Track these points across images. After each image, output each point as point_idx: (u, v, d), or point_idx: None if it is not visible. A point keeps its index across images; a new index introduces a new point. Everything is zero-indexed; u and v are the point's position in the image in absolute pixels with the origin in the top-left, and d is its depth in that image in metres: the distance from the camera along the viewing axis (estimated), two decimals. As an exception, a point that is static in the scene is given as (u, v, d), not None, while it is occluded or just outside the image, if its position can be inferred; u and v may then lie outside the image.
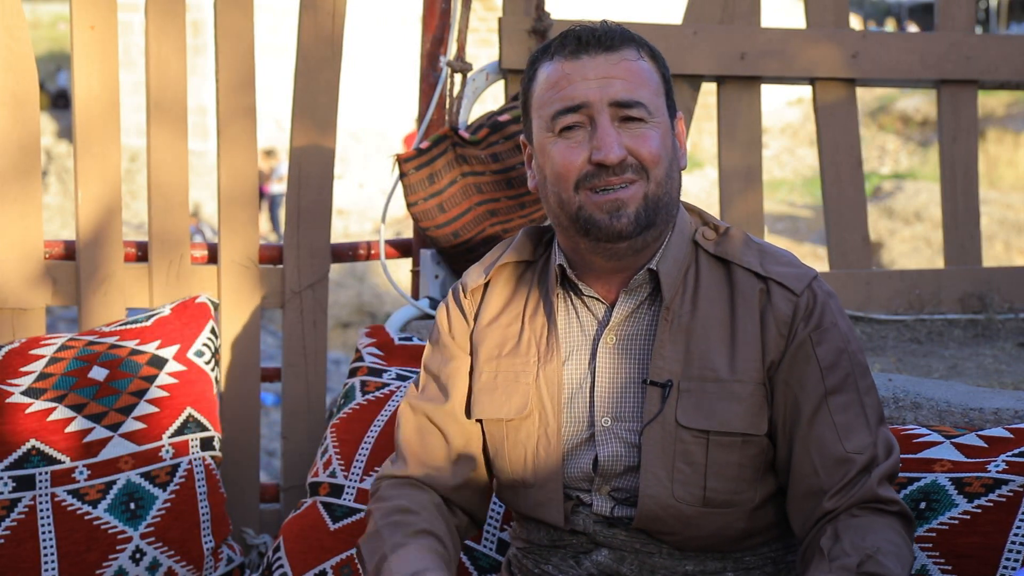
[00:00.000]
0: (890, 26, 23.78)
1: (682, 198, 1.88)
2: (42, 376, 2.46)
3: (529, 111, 1.84)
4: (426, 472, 1.93)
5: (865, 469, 1.73)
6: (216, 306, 2.79)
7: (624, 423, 1.80)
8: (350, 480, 2.43)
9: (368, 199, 19.47)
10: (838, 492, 1.72)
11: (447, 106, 2.99)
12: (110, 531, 2.40)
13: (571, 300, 1.88)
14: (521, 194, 2.86)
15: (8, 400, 2.41)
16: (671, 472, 1.76)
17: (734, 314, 1.79)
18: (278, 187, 17.38)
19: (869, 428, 1.75)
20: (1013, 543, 1.79)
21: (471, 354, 1.94)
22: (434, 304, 2.94)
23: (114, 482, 2.43)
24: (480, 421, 1.92)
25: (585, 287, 1.85)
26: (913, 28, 24.13)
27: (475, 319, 1.94)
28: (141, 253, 2.80)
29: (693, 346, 1.78)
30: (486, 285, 1.95)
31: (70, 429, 2.41)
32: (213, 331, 2.68)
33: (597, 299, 1.85)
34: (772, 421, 1.79)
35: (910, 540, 1.73)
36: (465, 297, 1.96)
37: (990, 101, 17.88)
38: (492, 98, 4.79)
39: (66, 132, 19.04)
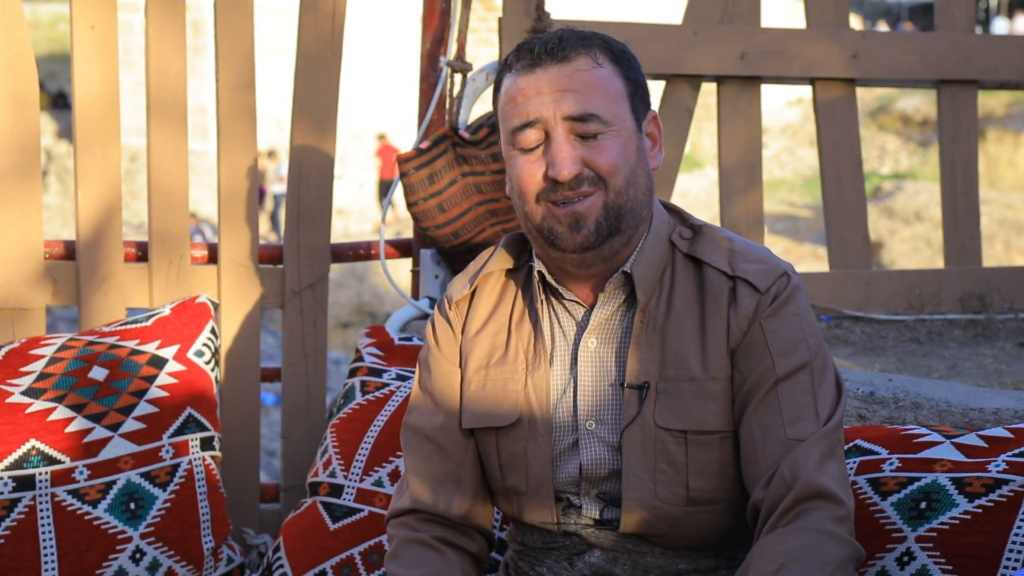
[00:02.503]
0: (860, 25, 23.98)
1: (683, 198, 1.88)
2: (42, 376, 2.46)
3: (498, 122, 1.85)
4: (435, 500, 1.91)
5: (801, 458, 1.68)
6: (216, 306, 2.79)
7: (606, 426, 1.81)
8: (350, 480, 2.43)
9: (368, 199, 19.48)
10: (769, 481, 1.69)
11: (447, 106, 2.99)
12: (110, 531, 2.40)
13: (552, 305, 1.88)
14: (521, 194, 2.86)
15: (8, 400, 2.41)
16: (653, 473, 1.77)
17: (704, 313, 1.79)
18: (279, 187, 17.40)
19: (818, 420, 1.72)
20: (1014, 543, 1.79)
21: (461, 366, 1.93)
22: (434, 304, 2.94)
23: (114, 482, 2.43)
24: (472, 431, 1.92)
25: (565, 291, 1.85)
26: (883, 27, 24.28)
27: (463, 330, 1.94)
28: (141, 253, 2.81)
29: (668, 347, 1.79)
30: (472, 295, 1.95)
31: (70, 429, 2.41)
32: (213, 331, 2.68)
33: (577, 302, 1.86)
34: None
35: (839, 538, 1.66)
36: (451, 309, 1.95)
37: (990, 101, 17.90)
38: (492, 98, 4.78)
39: (66, 132, 19.05)
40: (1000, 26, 24.49)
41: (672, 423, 1.76)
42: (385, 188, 19.11)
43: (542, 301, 1.88)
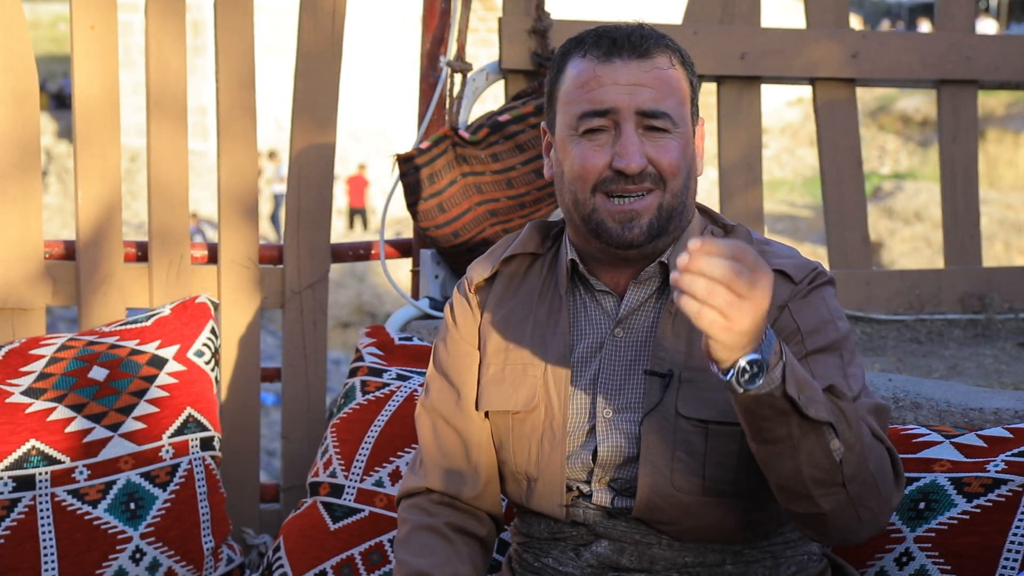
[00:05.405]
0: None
1: None
2: (42, 376, 2.46)
3: (555, 103, 1.83)
4: (447, 481, 1.93)
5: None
6: (216, 306, 2.79)
7: (625, 414, 1.81)
8: (350, 480, 2.43)
9: (368, 199, 19.49)
10: None
11: (447, 106, 2.99)
12: (110, 531, 2.40)
13: (580, 293, 1.89)
14: (521, 194, 2.86)
15: (8, 400, 2.42)
16: (671, 461, 1.77)
17: None
18: (279, 187, 17.42)
19: (850, 392, 1.71)
20: (1012, 543, 1.79)
21: (479, 347, 1.94)
22: (434, 304, 2.94)
23: (114, 482, 2.43)
24: (487, 413, 1.92)
25: (596, 281, 1.86)
26: (859, 25, 24.32)
27: (482, 312, 1.95)
28: (141, 253, 2.81)
29: (695, 337, 1.78)
30: (493, 278, 1.95)
31: (70, 429, 2.42)
32: (213, 331, 2.68)
33: (607, 292, 1.86)
34: None
35: (891, 470, 1.69)
36: (471, 290, 1.96)
37: (990, 101, 17.91)
38: (492, 98, 4.78)
39: (66, 132, 19.06)
40: None
41: (694, 412, 1.76)
42: (353, 215, 19.29)
43: (569, 288, 1.88)
